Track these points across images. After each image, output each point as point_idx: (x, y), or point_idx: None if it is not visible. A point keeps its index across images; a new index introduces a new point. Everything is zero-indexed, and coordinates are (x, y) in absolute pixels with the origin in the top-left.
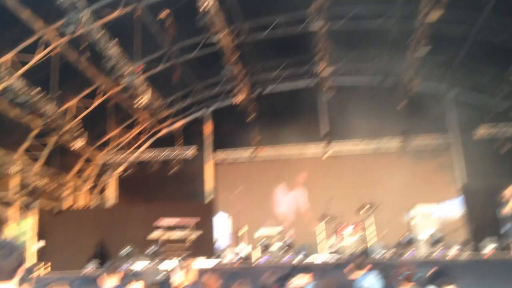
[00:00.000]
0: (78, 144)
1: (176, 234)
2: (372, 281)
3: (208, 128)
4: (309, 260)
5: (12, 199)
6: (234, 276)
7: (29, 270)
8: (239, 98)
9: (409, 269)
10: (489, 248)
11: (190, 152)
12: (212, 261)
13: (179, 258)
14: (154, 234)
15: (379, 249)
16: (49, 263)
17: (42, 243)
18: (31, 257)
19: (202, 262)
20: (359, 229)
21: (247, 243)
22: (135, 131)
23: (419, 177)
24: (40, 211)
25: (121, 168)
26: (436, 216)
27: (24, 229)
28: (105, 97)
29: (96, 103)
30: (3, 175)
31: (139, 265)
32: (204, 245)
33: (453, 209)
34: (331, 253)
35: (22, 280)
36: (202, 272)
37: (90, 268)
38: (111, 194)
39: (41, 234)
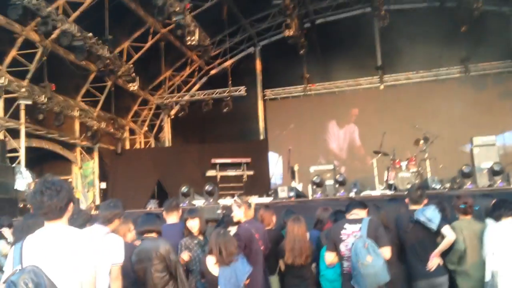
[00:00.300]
0: (133, 86)
1: (231, 172)
2: (429, 214)
3: (258, 66)
4: (363, 195)
5: (75, 142)
6: (289, 212)
7: (117, 205)
8: (289, 32)
9: (467, 201)
10: None
11: (241, 91)
12: (267, 198)
13: (237, 195)
14: (210, 173)
15: (436, 182)
16: None
17: (104, 184)
18: (95, 197)
19: (257, 199)
20: (415, 162)
21: (299, 180)
22: (186, 72)
23: (480, 106)
24: (100, 153)
25: (175, 109)
26: (497, 147)
27: (88, 170)
28: (156, 38)
29: (148, 44)
30: (65, 119)
31: (197, 202)
32: (259, 183)
33: None
34: (386, 188)
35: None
36: (258, 208)
37: (151, 206)
38: (167, 135)
39: (103, 175)
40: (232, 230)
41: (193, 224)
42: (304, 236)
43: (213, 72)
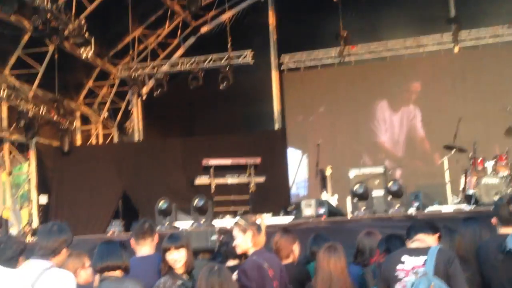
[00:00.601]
0: (87, 52)
1: (231, 180)
2: None
3: (271, 20)
4: (429, 212)
5: (1, 136)
6: (319, 237)
7: (63, 229)
8: None
9: None
10: None
11: (246, 57)
12: (285, 217)
13: (240, 213)
14: (201, 180)
15: None
16: None
17: (44, 198)
18: (32, 217)
19: (271, 219)
20: (507, 162)
21: (334, 190)
22: (165, 31)
23: None
24: (39, 152)
25: (148, 86)
26: None
27: (21, 177)
28: None
29: None
30: None
31: (181, 224)
32: (273, 194)
33: None
34: (463, 200)
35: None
36: (273, 232)
37: (113, 230)
38: (137, 124)
39: (43, 184)
40: (231, 265)
41: (177, 257)
42: (343, 273)
43: (204, 29)
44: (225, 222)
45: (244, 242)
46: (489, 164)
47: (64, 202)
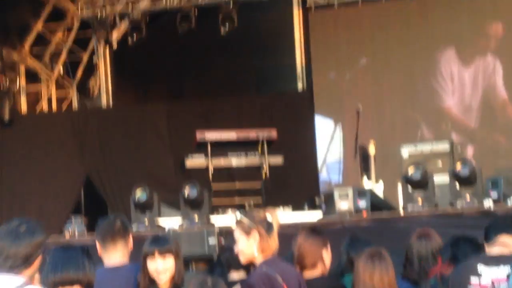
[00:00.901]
0: None
1: (236, 161)
2: None
3: None
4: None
5: None
6: (357, 241)
7: (32, 228)
8: None
9: None
10: None
11: None
12: (310, 212)
13: (247, 205)
14: (193, 161)
15: None
16: None
17: None
18: None
19: (291, 214)
20: None
21: (379, 175)
22: None
23: None
24: None
25: (120, 30)
26: None
27: None
28: None
29: None
30: None
31: (167, 222)
32: (294, 181)
33: None
34: None
35: None
36: (294, 233)
37: (72, 230)
38: (104, 84)
39: None
40: (236, 278)
41: (162, 267)
42: None
43: None
44: (228, 219)
45: (248, 248)
46: None
47: (4, 192)
